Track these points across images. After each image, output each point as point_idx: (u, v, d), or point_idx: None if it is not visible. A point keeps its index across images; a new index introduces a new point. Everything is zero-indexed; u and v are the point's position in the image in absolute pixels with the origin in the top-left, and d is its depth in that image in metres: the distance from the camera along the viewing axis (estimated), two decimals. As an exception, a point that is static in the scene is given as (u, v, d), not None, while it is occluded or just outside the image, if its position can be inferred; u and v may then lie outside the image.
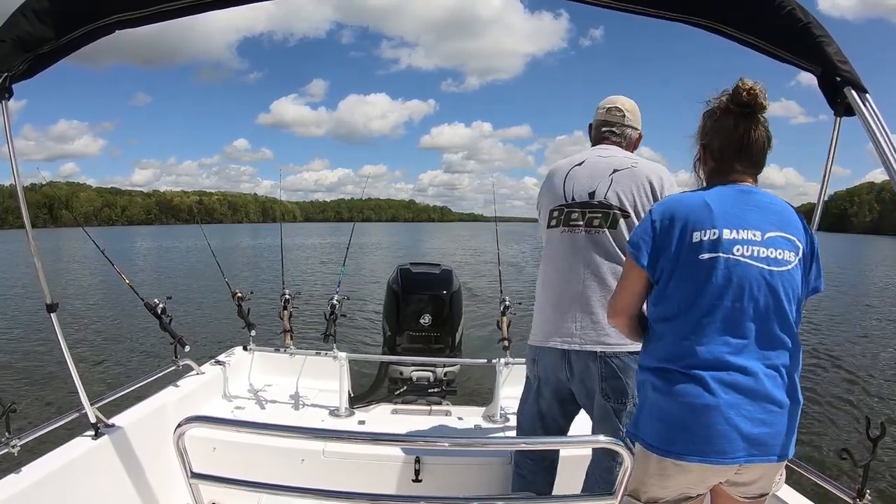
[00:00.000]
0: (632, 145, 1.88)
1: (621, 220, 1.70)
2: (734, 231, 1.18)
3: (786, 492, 1.65)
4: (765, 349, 1.17)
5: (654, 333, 1.29)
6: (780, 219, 1.21)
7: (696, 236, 1.19)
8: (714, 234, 1.18)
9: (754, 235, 1.18)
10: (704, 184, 1.34)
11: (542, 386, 1.84)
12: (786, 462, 1.24)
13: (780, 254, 1.18)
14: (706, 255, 1.18)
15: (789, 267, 1.18)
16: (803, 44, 1.40)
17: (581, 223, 1.73)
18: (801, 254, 1.20)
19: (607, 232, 1.70)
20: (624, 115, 1.85)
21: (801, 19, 1.38)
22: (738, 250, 1.17)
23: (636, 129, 1.87)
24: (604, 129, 1.86)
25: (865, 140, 1.32)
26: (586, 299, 1.71)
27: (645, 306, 1.35)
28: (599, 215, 1.71)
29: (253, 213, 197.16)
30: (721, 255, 1.17)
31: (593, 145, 1.89)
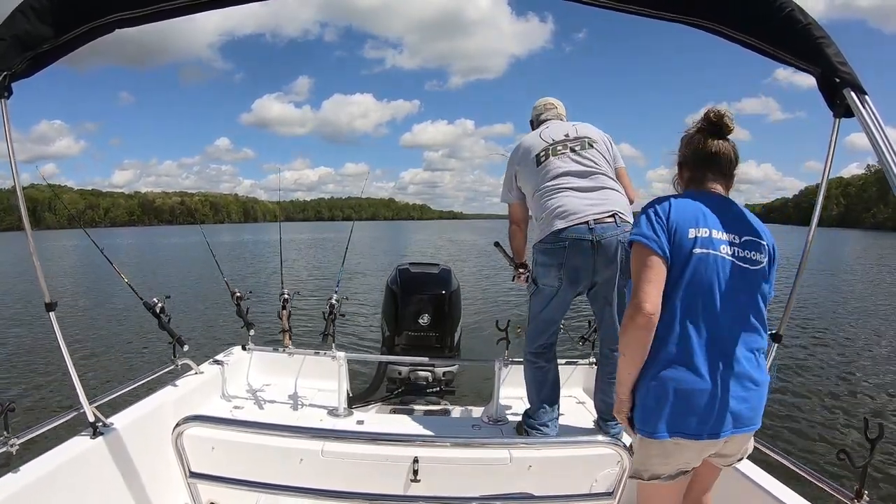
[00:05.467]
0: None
1: (595, 145, 2.25)
2: (721, 232, 1.34)
3: (784, 492, 1.65)
4: (744, 336, 1.33)
5: None
6: (754, 226, 1.41)
7: (692, 233, 1.32)
8: (706, 232, 1.33)
9: (735, 238, 1.35)
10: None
11: (563, 284, 2.13)
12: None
13: (754, 255, 1.36)
14: (699, 251, 1.31)
15: (761, 266, 1.37)
16: (803, 45, 1.40)
17: (566, 151, 2.23)
18: (768, 256, 1.38)
19: (587, 151, 2.23)
20: (555, 107, 2.49)
21: (801, 20, 1.38)
22: (723, 249, 1.33)
23: (563, 115, 2.50)
24: (543, 116, 2.48)
25: (841, 136, 1.43)
26: (602, 193, 2.13)
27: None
28: (578, 144, 2.25)
29: (235, 213, 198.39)
30: (711, 251, 1.32)
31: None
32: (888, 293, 13.18)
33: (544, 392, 2.27)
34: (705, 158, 1.43)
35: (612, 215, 2.07)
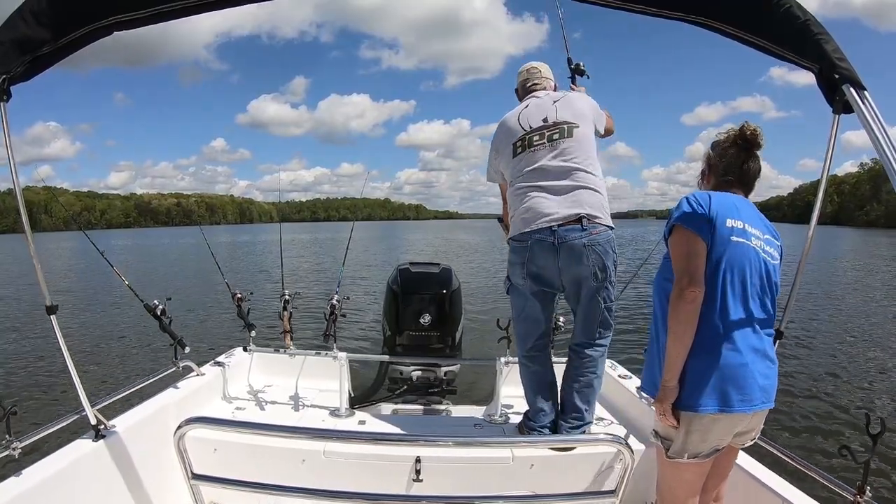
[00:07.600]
0: (553, 89, 2.36)
1: (575, 130, 2.10)
2: (751, 227, 1.48)
3: (787, 488, 1.65)
4: (764, 320, 1.47)
5: None
6: (771, 228, 1.56)
7: (729, 222, 1.44)
8: (740, 224, 1.46)
9: (760, 233, 1.50)
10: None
11: (527, 282, 2.12)
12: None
13: (772, 251, 1.52)
14: (736, 239, 1.44)
15: (777, 262, 1.53)
16: (802, 41, 1.40)
17: (543, 141, 2.12)
18: (780, 256, 1.55)
19: (566, 141, 2.09)
20: (539, 72, 2.35)
21: (800, 17, 1.38)
22: (754, 241, 1.47)
23: (550, 79, 2.37)
24: (529, 84, 2.35)
25: (839, 133, 1.48)
26: (573, 195, 2.04)
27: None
28: (557, 131, 2.11)
29: (231, 214, 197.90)
30: (744, 241, 1.45)
31: (523, 100, 2.31)
32: (885, 289, 13.18)
33: (540, 395, 2.25)
34: (734, 172, 1.57)
35: (579, 219, 2.01)
